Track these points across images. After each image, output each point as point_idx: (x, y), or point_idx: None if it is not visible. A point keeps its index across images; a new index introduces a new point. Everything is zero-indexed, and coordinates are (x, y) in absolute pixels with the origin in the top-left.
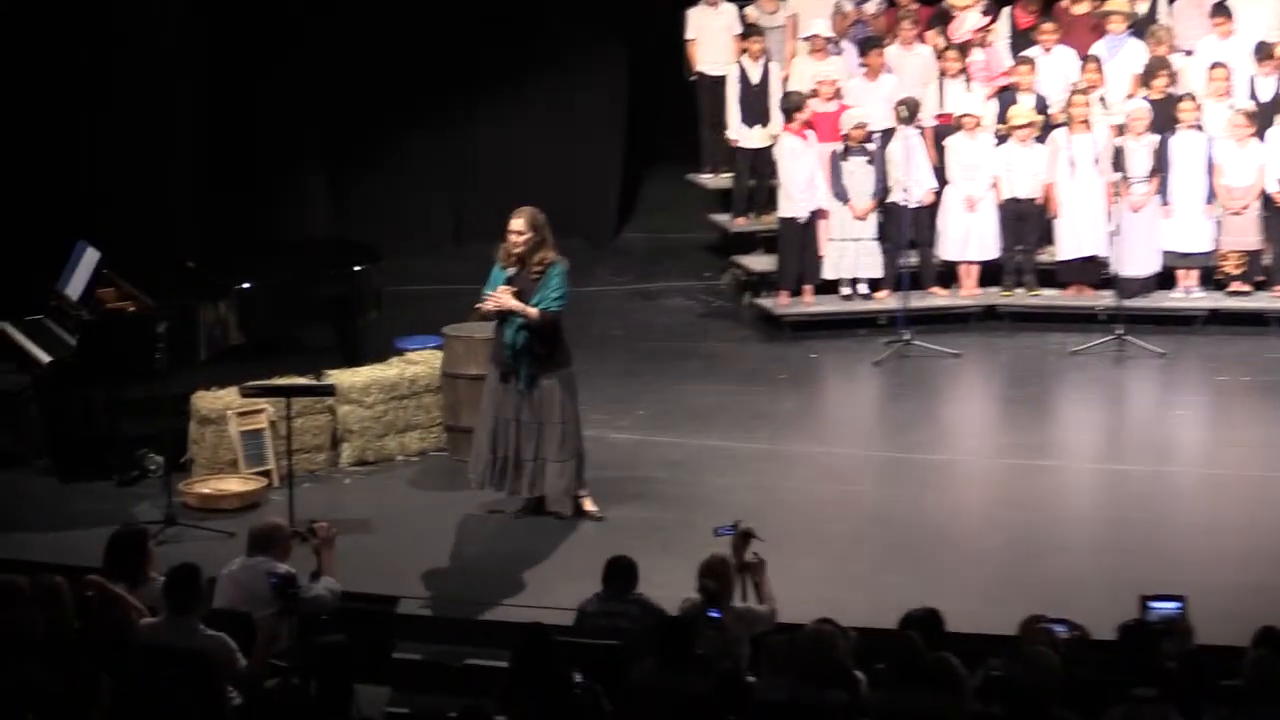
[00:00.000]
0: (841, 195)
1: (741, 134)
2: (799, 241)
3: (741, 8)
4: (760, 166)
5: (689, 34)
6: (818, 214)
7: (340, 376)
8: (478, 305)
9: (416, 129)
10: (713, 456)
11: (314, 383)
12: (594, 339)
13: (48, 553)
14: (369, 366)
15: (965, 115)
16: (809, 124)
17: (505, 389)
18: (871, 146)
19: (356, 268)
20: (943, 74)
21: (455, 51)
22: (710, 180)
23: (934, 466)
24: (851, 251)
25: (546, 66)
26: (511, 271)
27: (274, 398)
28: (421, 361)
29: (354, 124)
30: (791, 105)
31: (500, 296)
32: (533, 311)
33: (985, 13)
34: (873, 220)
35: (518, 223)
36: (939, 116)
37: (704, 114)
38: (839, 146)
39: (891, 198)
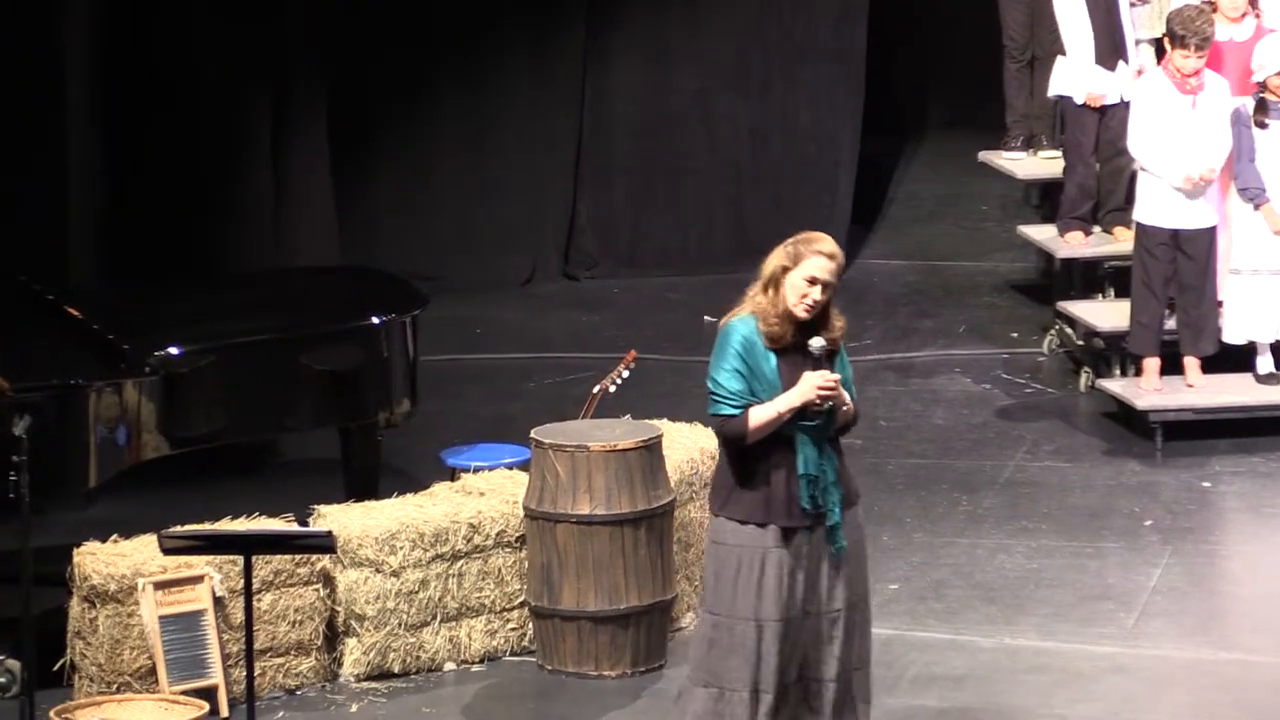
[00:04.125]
0: (1254, 191)
1: (1074, 82)
2: (1172, 274)
3: None
4: (1112, 138)
5: None
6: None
7: (344, 517)
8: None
9: (490, 81)
10: (1026, 665)
11: (296, 529)
12: None
13: None
14: (395, 499)
15: None
16: (1205, 65)
17: (793, 561)
18: None
19: (376, 320)
20: None
21: None
22: (1020, 164)
23: None
24: (1271, 295)
25: None
26: (820, 343)
27: (221, 555)
28: (489, 491)
29: (380, 76)
30: (1178, 31)
31: (827, 382)
32: (850, 405)
33: None
34: None
35: (827, 265)
36: None
37: (1011, 46)
38: (1248, 104)
39: None
